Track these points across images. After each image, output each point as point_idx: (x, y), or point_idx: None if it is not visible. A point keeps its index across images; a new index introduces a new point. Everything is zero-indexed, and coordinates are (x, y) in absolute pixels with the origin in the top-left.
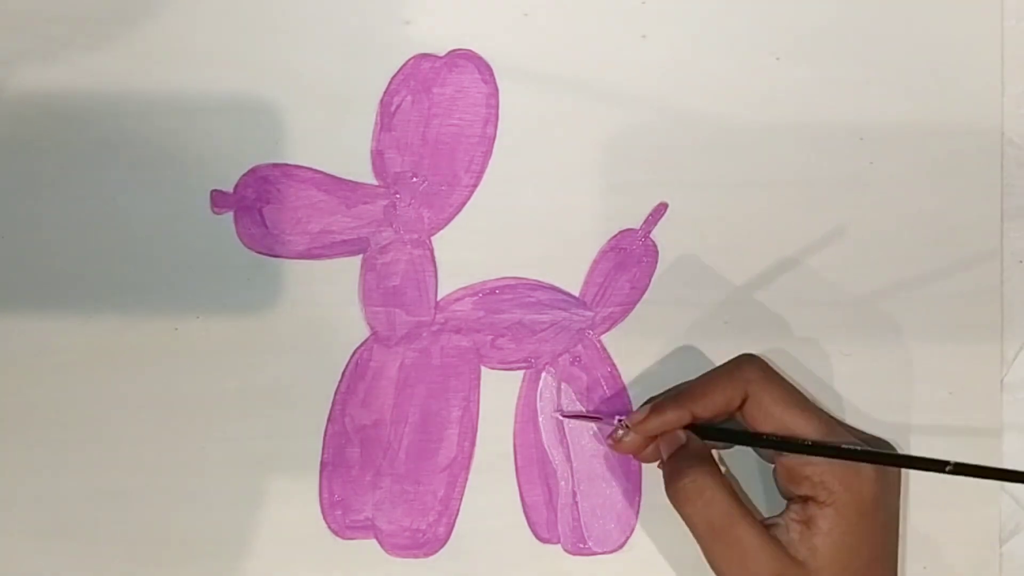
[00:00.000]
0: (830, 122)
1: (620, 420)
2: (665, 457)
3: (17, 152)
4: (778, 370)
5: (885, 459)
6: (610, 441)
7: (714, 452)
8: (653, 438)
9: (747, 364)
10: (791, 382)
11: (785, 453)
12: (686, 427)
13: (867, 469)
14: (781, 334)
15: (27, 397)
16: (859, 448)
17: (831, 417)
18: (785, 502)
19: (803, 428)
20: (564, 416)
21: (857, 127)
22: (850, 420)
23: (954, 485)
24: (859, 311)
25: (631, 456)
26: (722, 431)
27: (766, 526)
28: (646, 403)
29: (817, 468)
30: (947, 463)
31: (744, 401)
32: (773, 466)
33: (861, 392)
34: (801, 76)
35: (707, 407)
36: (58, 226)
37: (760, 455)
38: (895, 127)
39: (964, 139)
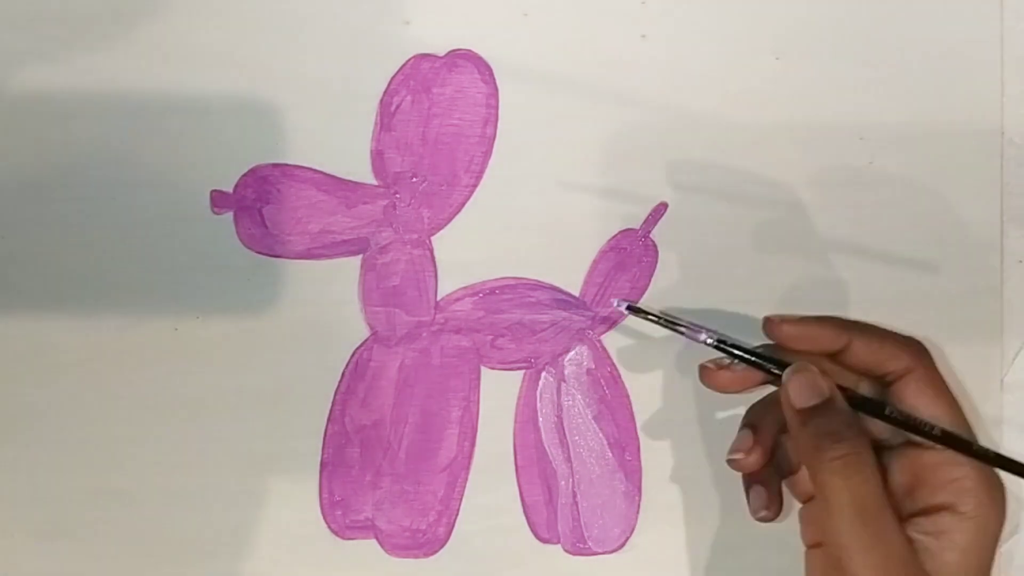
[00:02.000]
0: (830, 122)
1: (713, 339)
2: (798, 406)
3: (17, 152)
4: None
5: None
6: (709, 366)
7: None
8: (750, 380)
9: (920, 345)
10: None
11: (925, 451)
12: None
13: (1004, 489)
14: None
15: (27, 397)
16: (996, 454)
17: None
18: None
19: (960, 428)
20: (630, 311)
21: (857, 127)
22: None
23: None
24: (859, 311)
25: (716, 385)
26: (850, 394)
27: None
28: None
29: (969, 472)
30: None
31: (905, 372)
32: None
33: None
34: (801, 76)
35: (870, 350)
36: (58, 226)
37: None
38: (895, 127)
39: (964, 139)
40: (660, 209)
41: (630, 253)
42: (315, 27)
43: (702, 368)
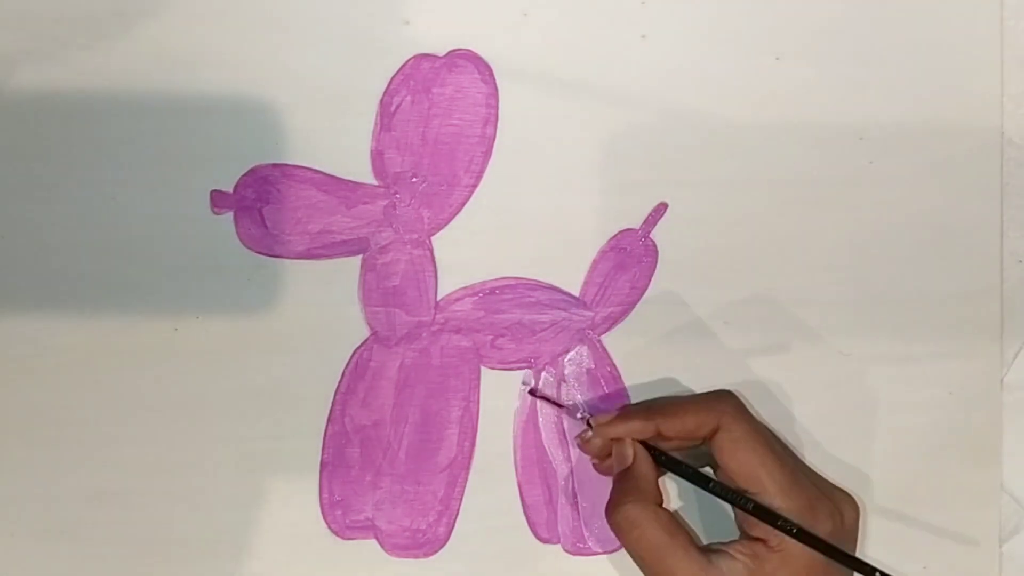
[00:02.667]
0: (830, 122)
1: (585, 416)
2: (614, 472)
3: (17, 152)
4: (753, 411)
5: (817, 546)
6: (577, 440)
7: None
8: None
9: (724, 397)
10: (764, 422)
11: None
12: (646, 447)
13: (824, 523)
14: (781, 334)
15: (27, 397)
16: (798, 528)
17: (797, 463)
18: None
19: (766, 473)
20: (533, 396)
21: (857, 127)
22: (850, 420)
23: (954, 485)
24: (859, 311)
25: (593, 463)
26: (679, 464)
27: (712, 551)
28: (616, 408)
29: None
30: (875, 571)
31: (714, 433)
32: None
33: (861, 392)
34: (801, 76)
35: (675, 427)
36: (58, 226)
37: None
38: (895, 127)
39: (964, 139)
40: (660, 209)
41: (630, 253)
42: (315, 27)
43: (579, 440)
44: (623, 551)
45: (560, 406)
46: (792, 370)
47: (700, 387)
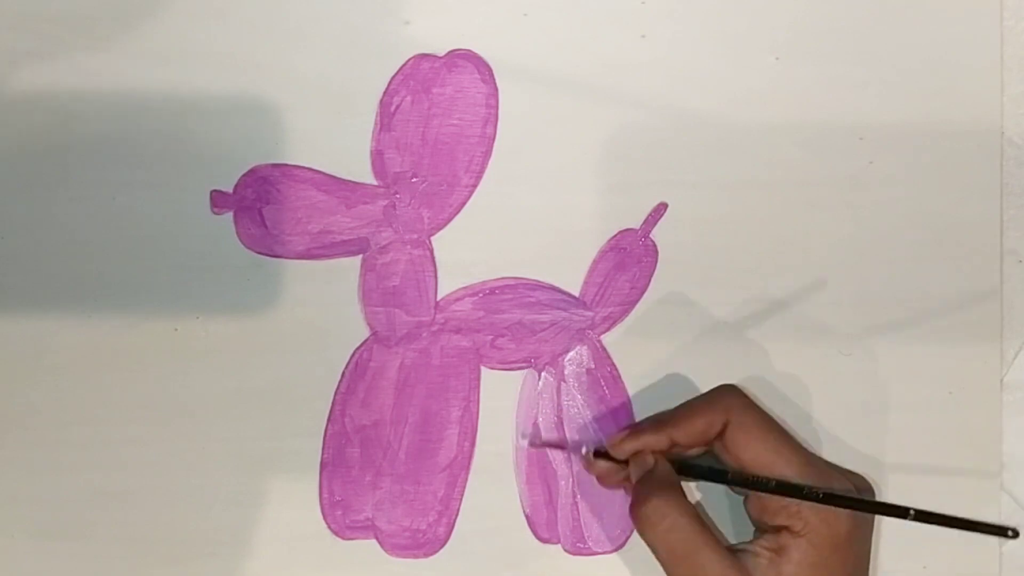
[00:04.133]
0: (830, 122)
1: (589, 452)
2: (634, 480)
3: (17, 152)
4: (758, 401)
5: (848, 503)
6: (584, 463)
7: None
8: (626, 465)
9: (728, 392)
10: (771, 414)
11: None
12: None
13: (834, 511)
14: (781, 334)
15: (27, 397)
16: (825, 492)
17: (808, 451)
18: (754, 531)
19: (782, 459)
20: (532, 446)
21: (857, 127)
22: (850, 420)
23: (954, 484)
24: (859, 311)
25: (601, 481)
26: (694, 467)
27: (735, 551)
28: (625, 428)
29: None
30: (908, 510)
31: (724, 429)
32: (744, 496)
33: (861, 392)
34: (801, 76)
35: (687, 433)
36: (58, 226)
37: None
38: (895, 127)
39: (964, 139)
40: (660, 209)
41: (630, 253)
42: (315, 27)
43: (585, 462)
44: (623, 551)
45: (563, 448)
46: (792, 370)
47: (701, 387)
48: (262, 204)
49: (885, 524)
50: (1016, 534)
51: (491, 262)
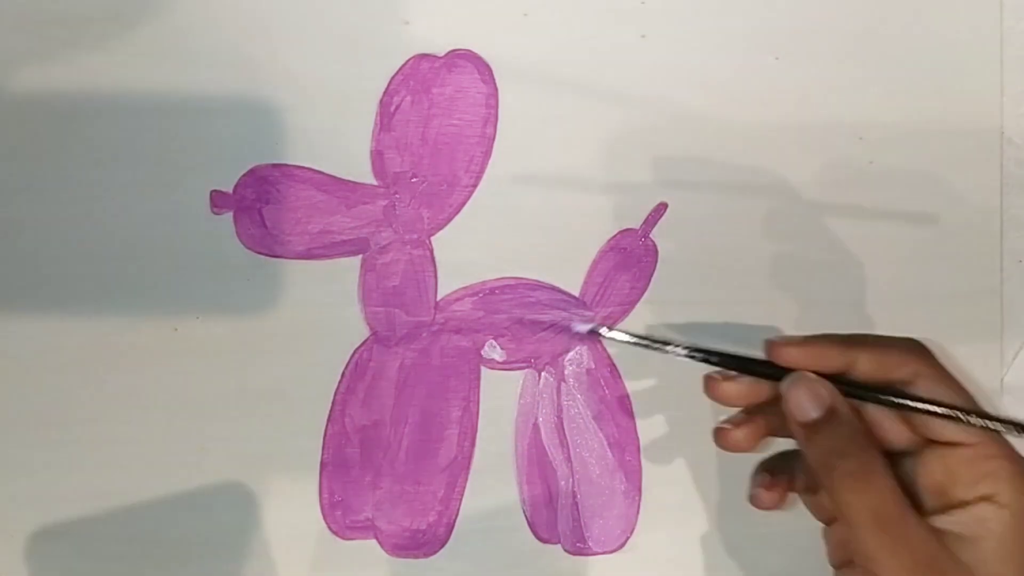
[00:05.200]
0: (830, 122)
1: (689, 353)
2: (801, 419)
3: (17, 152)
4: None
5: None
6: (716, 375)
7: None
8: (756, 414)
9: (920, 344)
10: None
11: (954, 449)
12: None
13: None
14: (781, 334)
15: (27, 397)
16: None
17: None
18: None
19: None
20: (611, 337)
21: (857, 127)
22: None
23: None
24: (859, 311)
25: (730, 438)
26: (868, 392)
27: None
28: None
29: (1003, 464)
30: None
31: (909, 383)
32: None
33: None
34: (801, 76)
35: (873, 363)
36: (58, 226)
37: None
38: (895, 127)
39: (964, 139)
40: (660, 209)
41: (630, 253)
42: (315, 27)
43: (707, 379)
44: (623, 551)
45: (656, 345)
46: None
47: (699, 388)
48: (262, 204)
49: None
50: None
51: (491, 262)
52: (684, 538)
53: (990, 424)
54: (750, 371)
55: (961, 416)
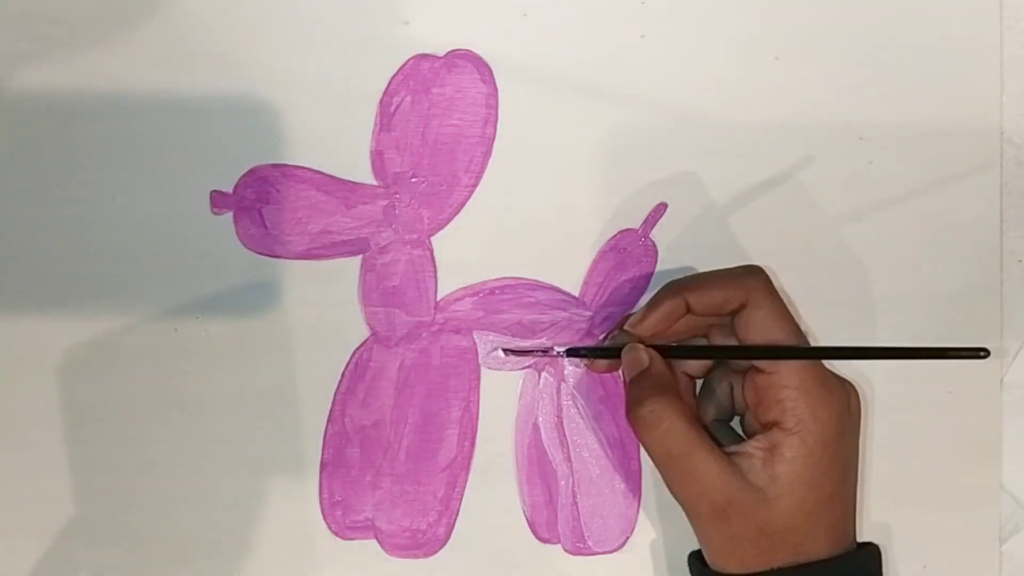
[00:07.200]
0: (830, 122)
1: (561, 353)
2: (627, 379)
3: (17, 152)
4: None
5: (846, 353)
6: (587, 362)
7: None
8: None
9: (753, 273)
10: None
11: (759, 375)
12: (652, 347)
13: (835, 403)
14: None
15: (27, 397)
16: (818, 348)
17: (816, 348)
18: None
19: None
20: (508, 352)
21: (857, 127)
22: None
23: (954, 485)
24: (859, 311)
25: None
26: (687, 348)
27: (728, 455)
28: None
29: (790, 392)
30: (902, 349)
31: (741, 308)
32: (735, 400)
33: (861, 392)
34: (801, 76)
35: (703, 300)
36: (58, 226)
37: (722, 388)
38: (895, 127)
39: (964, 139)
40: (660, 209)
41: (630, 253)
42: (315, 27)
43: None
44: (623, 551)
45: (535, 352)
46: None
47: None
48: (262, 204)
49: (886, 523)
50: (987, 353)
51: (491, 262)
52: (684, 538)
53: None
54: (602, 355)
55: (746, 353)
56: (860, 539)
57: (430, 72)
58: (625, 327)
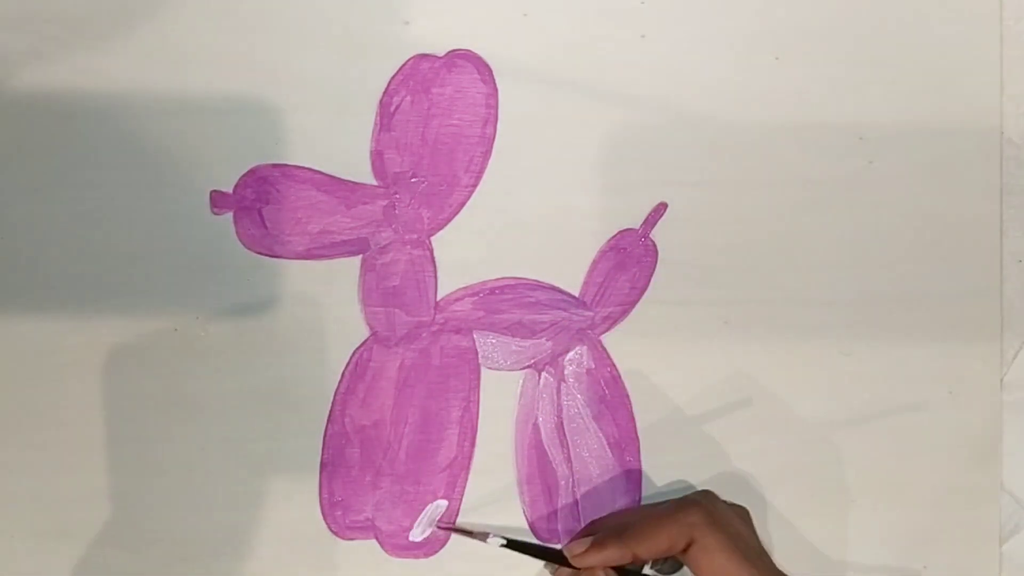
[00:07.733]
0: (830, 122)
1: (498, 541)
2: None
3: (17, 152)
4: (724, 516)
5: None
6: (550, 569)
7: None
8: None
9: (693, 508)
10: (741, 527)
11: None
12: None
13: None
14: (781, 334)
15: (27, 397)
16: None
17: (771, 567)
18: None
19: None
20: (441, 528)
21: (857, 127)
22: (851, 419)
23: (954, 485)
24: (859, 311)
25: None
26: None
27: None
28: (587, 533)
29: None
30: None
31: (689, 545)
32: None
33: (861, 391)
34: (801, 76)
35: (650, 548)
36: (58, 226)
37: None
38: (895, 127)
39: (964, 139)
40: (660, 209)
41: (630, 253)
42: (315, 27)
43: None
44: None
45: (471, 534)
46: (792, 370)
47: (699, 388)
48: (262, 204)
49: (886, 523)
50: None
51: (491, 262)
52: None
53: None
54: (561, 562)
55: None
56: (860, 539)
57: (430, 72)
58: (564, 549)
